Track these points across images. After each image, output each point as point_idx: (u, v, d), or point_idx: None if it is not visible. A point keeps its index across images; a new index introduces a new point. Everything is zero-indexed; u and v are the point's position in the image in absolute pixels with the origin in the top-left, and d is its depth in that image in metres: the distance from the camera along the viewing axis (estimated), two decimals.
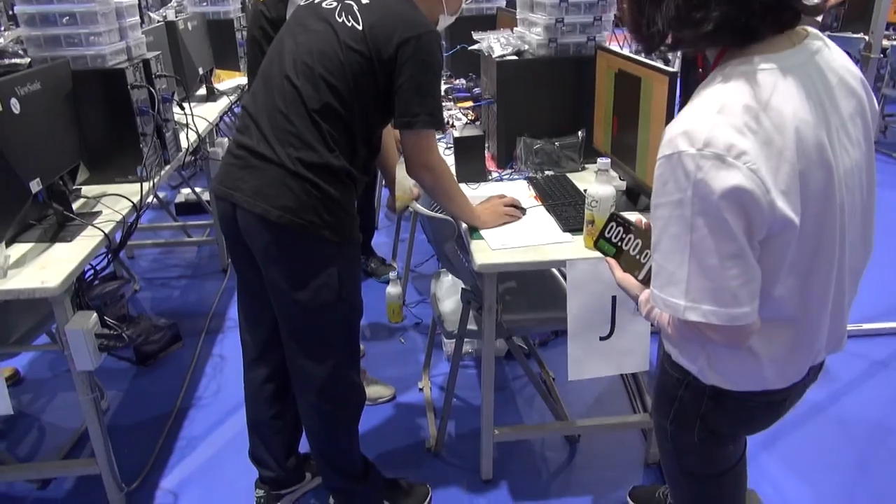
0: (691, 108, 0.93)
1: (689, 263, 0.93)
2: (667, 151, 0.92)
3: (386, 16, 1.55)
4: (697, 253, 0.92)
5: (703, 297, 0.93)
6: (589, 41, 2.34)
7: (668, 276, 0.96)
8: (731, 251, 0.90)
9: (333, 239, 1.55)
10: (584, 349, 1.85)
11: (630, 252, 1.17)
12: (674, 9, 0.91)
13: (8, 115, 1.69)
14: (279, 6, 2.12)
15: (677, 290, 0.95)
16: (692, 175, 0.89)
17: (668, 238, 0.94)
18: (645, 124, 1.91)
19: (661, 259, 0.97)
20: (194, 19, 3.57)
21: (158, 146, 2.40)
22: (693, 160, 0.89)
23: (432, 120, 1.60)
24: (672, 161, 0.91)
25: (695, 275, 0.93)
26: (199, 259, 3.71)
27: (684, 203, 0.90)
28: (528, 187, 2.22)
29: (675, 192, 0.91)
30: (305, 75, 1.53)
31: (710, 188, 0.88)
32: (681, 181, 0.90)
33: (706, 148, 0.88)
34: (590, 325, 1.83)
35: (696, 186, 0.89)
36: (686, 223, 0.91)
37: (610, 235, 1.21)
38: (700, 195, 0.89)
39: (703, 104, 0.92)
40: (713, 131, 0.88)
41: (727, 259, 0.90)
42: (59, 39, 2.14)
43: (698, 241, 0.91)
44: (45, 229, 1.87)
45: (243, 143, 1.57)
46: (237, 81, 3.92)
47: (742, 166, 0.87)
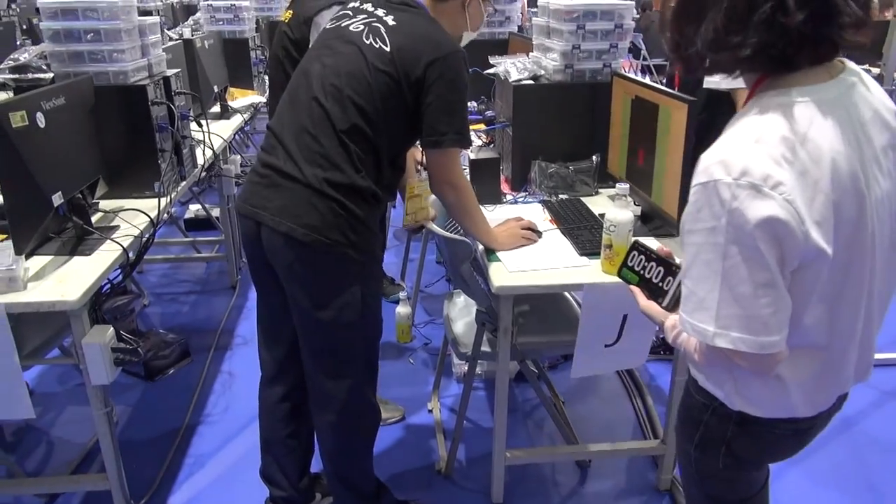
0: (728, 138, 0.94)
1: (720, 290, 0.93)
2: (702, 179, 0.93)
3: (413, 37, 1.57)
4: (729, 280, 0.92)
5: (733, 324, 0.94)
6: (605, 67, 2.37)
7: (699, 302, 0.96)
8: (763, 280, 0.91)
9: (358, 258, 1.56)
10: (589, 353, 1.88)
11: (653, 280, 1.19)
12: (712, 31, 0.92)
13: (34, 128, 1.70)
14: (303, 28, 2.14)
15: (707, 315, 0.95)
16: (727, 204, 0.89)
17: (700, 264, 0.95)
18: (662, 150, 1.92)
19: (692, 285, 0.97)
20: (211, 38, 3.62)
21: (175, 162, 2.42)
22: (729, 189, 0.89)
23: (460, 138, 1.61)
24: (708, 189, 0.92)
25: (725, 302, 0.93)
26: (207, 275, 3.71)
27: (718, 231, 0.91)
28: (542, 210, 2.23)
29: (710, 219, 0.92)
30: (334, 97, 1.55)
31: (745, 217, 0.89)
32: (716, 209, 0.91)
33: (743, 177, 0.89)
34: (598, 336, 1.86)
35: (731, 215, 0.89)
36: (719, 250, 0.92)
37: (633, 264, 1.23)
38: (735, 224, 0.90)
39: (741, 134, 0.93)
40: (750, 161, 0.89)
41: (759, 287, 0.91)
42: (82, 55, 2.16)
43: (731, 269, 0.92)
44: (63, 242, 1.88)
45: (269, 163, 1.58)
46: (250, 100, 3.95)
47: (778, 196, 0.88)
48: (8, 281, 1.62)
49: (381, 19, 1.62)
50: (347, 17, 1.69)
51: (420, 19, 1.64)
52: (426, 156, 1.66)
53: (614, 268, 1.78)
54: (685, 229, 0.98)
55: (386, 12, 1.64)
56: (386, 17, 1.62)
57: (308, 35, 2.14)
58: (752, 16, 0.89)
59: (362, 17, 1.65)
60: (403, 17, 1.62)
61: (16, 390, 1.68)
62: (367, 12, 1.66)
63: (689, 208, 0.95)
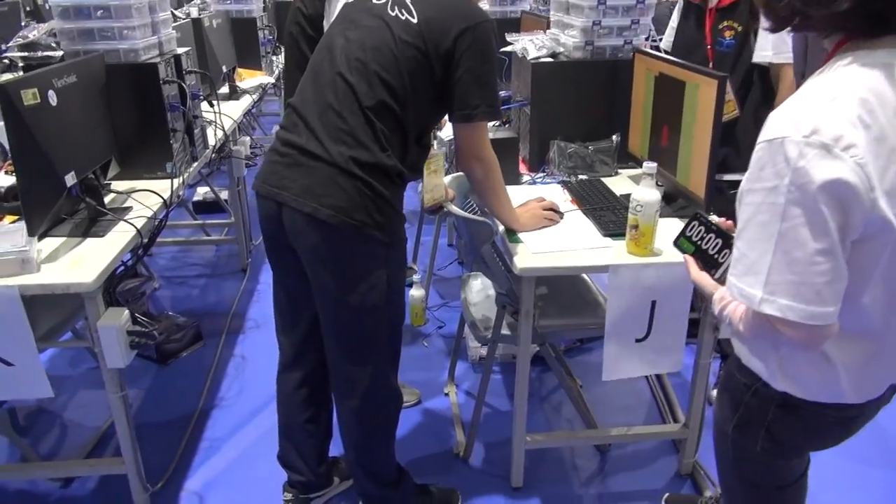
0: (801, 95, 0.89)
1: (773, 254, 0.89)
2: (769, 136, 0.88)
3: (441, 7, 1.52)
4: (785, 244, 0.88)
5: (783, 291, 0.89)
6: (626, 44, 2.31)
7: (749, 265, 0.92)
8: (821, 246, 0.86)
9: (384, 240, 1.52)
10: (619, 350, 1.82)
11: (709, 251, 1.16)
12: None
13: (46, 106, 1.66)
14: (316, 3, 2.08)
15: (756, 280, 0.91)
16: (793, 162, 0.85)
17: (756, 225, 0.90)
18: (689, 129, 1.87)
19: (745, 247, 0.93)
20: (219, 17, 3.56)
21: (187, 143, 2.37)
22: (797, 146, 0.85)
23: (491, 111, 1.57)
24: (773, 146, 0.87)
25: (778, 266, 0.89)
26: (217, 258, 3.68)
27: (779, 190, 0.87)
28: (562, 191, 2.19)
29: (772, 178, 0.87)
30: (359, 72, 1.49)
31: (810, 177, 0.84)
32: (780, 167, 0.86)
33: (813, 135, 0.84)
34: (627, 327, 1.80)
35: (796, 174, 0.85)
36: (778, 211, 0.87)
37: (691, 234, 1.20)
38: (798, 183, 0.85)
39: (816, 91, 0.88)
40: (823, 119, 0.84)
41: (816, 254, 0.86)
42: (92, 33, 2.11)
43: (788, 232, 0.87)
44: (76, 224, 1.84)
45: (290, 141, 1.53)
46: (259, 80, 3.89)
47: (849, 159, 0.83)
48: (21, 262, 1.59)
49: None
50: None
51: None
52: (455, 130, 1.61)
53: (640, 248, 1.75)
54: (744, 188, 0.93)
55: None
56: None
57: (322, 10, 2.08)
58: None
59: None
60: None
61: (33, 369, 1.65)
62: None
63: (752, 167, 0.91)
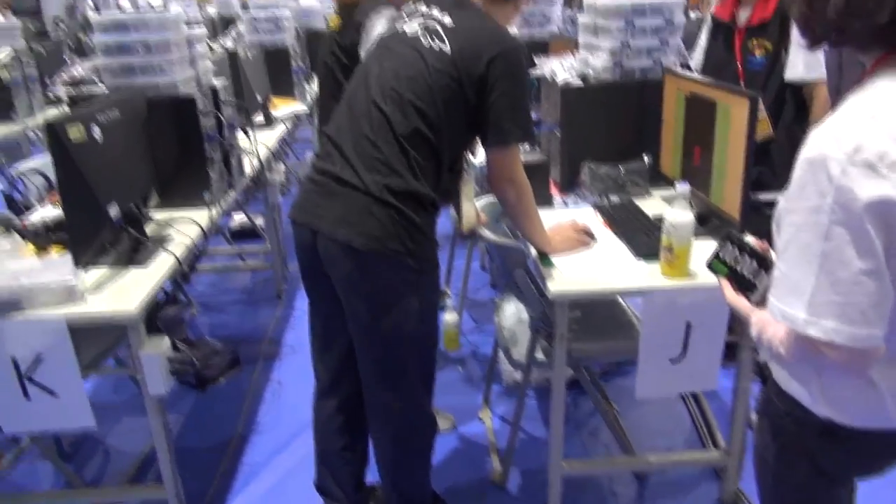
0: (842, 112, 0.88)
1: (817, 274, 0.87)
2: (810, 154, 0.87)
3: (472, 35, 1.55)
4: (829, 264, 0.86)
5: (828, 312, 0.87)
6: (656, 64, 2.31)
7: (792, 286, 0.90)
8: (867, 266, 0.84)
9: (417, 267, 1.53)
10: (653, 370, 1.80)
11: (744, 273, 1.13)
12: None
13: (91, 142, 1.72)
14: (352, 34, 2.13)
15: (799, 301, 0.89)
16: (836, 180, 0.84)
17: (798, 246, 0.89)
18: (721, 149, 1.86)
19: (786, 267, 0.91)
20: (253, 48, 3.65)
21: (225, 172, 2.43)
22: (839, 165, 0.83)
23: (525, 134, 1.59)
24: (815, 164, 0.86)
25: (822, 287, 0.87)
26: (253, 284, 3.74)
27: (822, 210, 0.85)
28: (595, 213, 2.18)
29: (814, 197, 0.86)
30: (394, 101, 1.53)
31: (854, 196, 0.83)
32: (822, 186, 0.85)
33: (856, 153, 0.83)
34: (661, 348, 1.78)
35: (839, 193, 0.83)
36: (821, 231, 0.86)
37: (724, 255, 1.18)
38: (841, 202, 0.83)
39: (856, 109, 0.87)
40: (866, 137, 0.83)
41: (861, 274, 0.85)
42: (133, 68, 2.19)
43: (832, 252, 0.85)
44: (119, 253, 1.90)
45: (325, 169, 1.57)
46: (292, 108, 3.98)
47: (894, 177, 0.82)
48: (68, 292, 1.64)
49: (438, 19, 1.60)
50: (403, 19, 1.67)
51: (476, 16, 1.62)
52: (488, 154, 1.63)
53: (675, 270, 1.73)
54: (784, 208, 0.92)
55: (442, 11, 1.62)
56: (442, 16, 1.61)
57: (358, 40, 2.12)
58: None
59: (419, 18, 1.63)
60: (460, 16, 1.60)
61: (77, 399, 1.69)
62: (423, 12, 1.64)
63: (792, 186, 0.89)
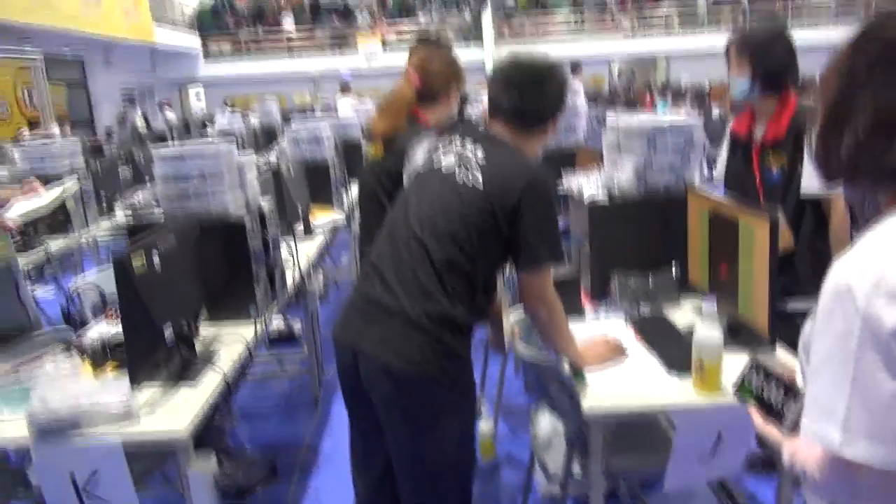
0: (865, 243, 0.94)
1: (849, 397, 0.90)
2: (835, 284, 0.92)
3: (504, 167, 1.68)
4: (861, 387, 0.89)
5: (863, 434, 0.89)
6: (678, 180, 2.42)
7: (825, 409, 0.93)
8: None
9: (455, 391, 1.60)
10: (683, 469, 1.81)
11: (771, 401, 1.15)
12: (858, 138, 0.94)
13: (150, 268, 1.86)
14: (396, 160, 2.27)
15: (834, 423, 0.91)
16: (862, 309, 0.88)
17: (829, 370, 0.92)
18: (747, 266, 1.92)
19: (819, 391, 0.94)
20: (295, 164, 3.88)
21: (269, 287, 2.56)
22: (864, 295, 0.88)
23: (556, 257, 1.69)
24: (841, 294, 0.91)
25: (855, 409, 0.90)
26: (291, 391, 3.81)
27: (850, 336, 0.89)
28: (626, 325, 2.24)
29: (842, 324, 0.90)
30: (431, 231, 1.65)
31: (881, 323, 0.87)
32: (849, 314, 0.89)
33: (880, 284, 0.88)
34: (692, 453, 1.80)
35: (866, 321, 0.88)
36: (851, 356, 0.89)
37: (749, 382, 1.21)
38: (870, 329, 0.88)
39: (877, 241, 0.93)
40: (888, 269, 0.88)
41: (892, 397, 0.87)
42: (188, 195, 2.37)
43: (863, 376, 0.89)
44: (170, 371, 1.99)
45: (367, 294, 1.68)
46: (331, 217, 4.17)
47: None
48: (124, 414, 1.73)
49: (472, 153, 1.74)
50: (439, 152, 1.81)
51: (506, 150, 1.76)
52: (520, 276, 1.72)
53: (707, 386, 1.77)
54: (812, 334, 0.96)
55: (474, 145, 1.75)
56: (475, 150, 1.74)
57: (402, 167, 2.27)
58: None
59: (453, 152, 1.77)
60: (491, 149, 1.74)
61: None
62: (456, 147, 1.78)
63: (820, 314, 0.94)
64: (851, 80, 0.97)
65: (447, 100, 2.43)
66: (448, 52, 2.45)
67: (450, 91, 2.42)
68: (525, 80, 1.78)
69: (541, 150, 1.93)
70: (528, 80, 1.78)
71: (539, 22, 21.68)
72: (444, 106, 2.44)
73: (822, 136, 1.02)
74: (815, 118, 1.03)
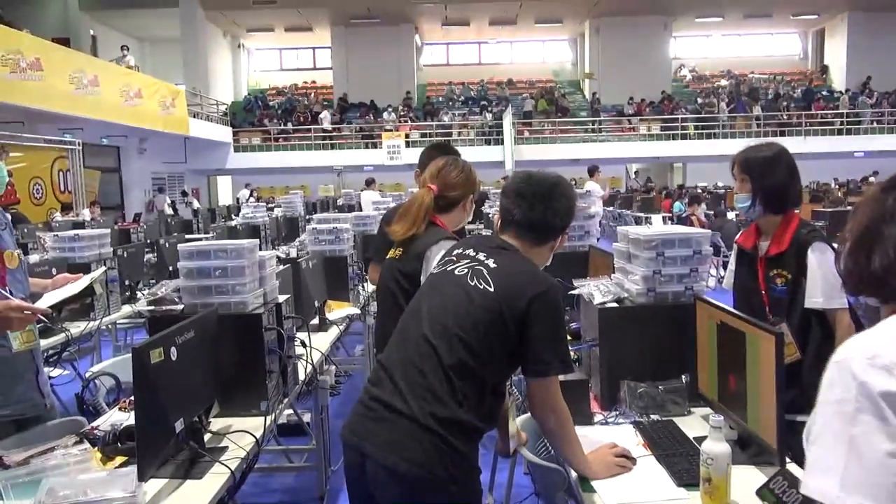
0: (868, 331, 1.06)
1: (847, 456, 0.97)
2: (836, 358, 1.02)
3: (514, 276, 1.75)
4: (857, 446, 0.97)
5: (859, 491, 0.96)
6: (687, 290, 2.46)
7: (825, 467, 1.00)
8: (892, 449, 0.95)
9: (460, 494, 1.61)
10: None
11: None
12: (884, 259, 1.07)
13: (167, 362, 1.91)
14: (414, 263, 2.36)
15: (832, 479, 0.98)
16: (859, 377, 0.98)
17: (829, 433, 1.00)
18: (754, 378, 1.93)
19: (819, 451, 1.01)
20: (314, 258, 3.99)
21: (280, 382, 2.59)
22: (861, 366, 0.98)
23: (563, 366, 1.73)
24: (841, 366, 1.01)
25: (852, 468, 0.97)
26: (297, 484, 3.75)
27: (848, 401, 0.98)
28: (634, 433, 2.22)
29: (841, 391, 0.99)
30: (441, 334, 1.70)
31: (876, 389, 0.96)
32: (847, 382, 0.99)
33: (875, 358, 0.98)
34: None
35: (862, 387, 0.97)
36: (848, 418, 0.98)
37: (774, 486, 1.24)
38: (864, 393, 0.96)
39: (875, 330, 1.04)
40: (883, 347, 0.99)
41: (888, 456, 0.95)
42: (209, 289, 2.45)
43: (860, 436, 0.96)
44: (177, 465, 2.01)
45: (377, 396, 1.71)
46: (346, 311, 4.23)
47: None
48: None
49: (483, 262, 1.81)
50: (452, 262, 1.89)
51: (517, 259, 1.84)
52: (529, 384, 1.76)
53: (715, 501, 1.74)
54: (819, 402, 1.04)
55: (486, 255, 1.84)
56: (487, 259, 1.82)
57: (419, 269, 2.35)
58: None
59: (466, 262, 1.85)
60: (502, 259, 1.82)
61: None
62: (469, 257, 1.86)
63: (823, 386, 1.04)
64: (883, 212, 1.11)
65: (463, 209, 2.60)
66: (464, 165, 2.61)
67: (465, 201, 2.59)
68: (536, 194, 1.88)
69: (551, 255, 2.01)
70: (539, 194, 1.88)
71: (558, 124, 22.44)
72: (459, 213, 2.60)
73: (849, 265, 1.15)
74: (842, 238, 1.17)
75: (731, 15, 24.64)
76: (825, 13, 24.91)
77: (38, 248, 5.43)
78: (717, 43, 28.27)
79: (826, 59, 26.83)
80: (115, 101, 13.76)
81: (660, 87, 23.96)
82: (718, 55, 28.03)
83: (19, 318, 2.15)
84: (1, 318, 2.11)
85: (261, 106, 24.25)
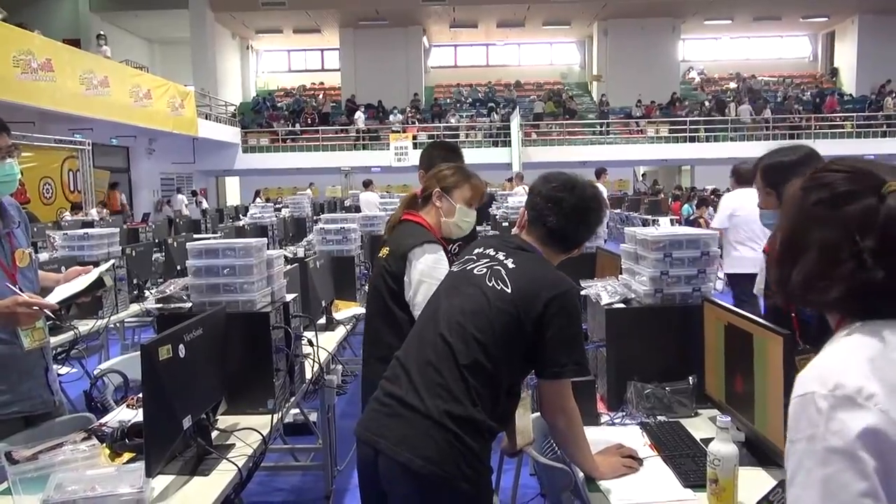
0: (822, 357, 1.03)
1: (821, 497, 0.95)
2: (800, 392, 1.00)
3: (532, 277, 1.76)
4: (830, 487, 0.95)
5: None
6: (695, 291, 2.46)
7: None
8: (863, 489, 0.93)
9: (471, 492, 1.62)
10: None
11: None
12: (804, 274, 1.05)
13: (176, 359, 1.92)
14: (399, 263, 2.37)
15: None
16: (824, 413, 0.96)
17: (803, 471, 0.99)
18: (762, 380, 1.92)
19: (798, 490, 1.00)
20: (321, 258, 4.00)
21: (287, 381, 2.59)
22: (825, 399, 0.96)
23: (579, 369, 1.74)
24: (805, 400, 0.99)
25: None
26: (303, 483, 3.76)
27: (817, 438, 0.96)
28: (641, 434, 2.22)
29: (808, 428, 0.97)
30: (458, 333, 1.71)
31: (843, 426, 0.94)
32: (813, 418, 0.97)
33: (837, 389, 0.96)
34: None
35: (829, 424, 0.95)
36: (818, 458, 0.96)
37: (773, 499, 1.23)
38: (833, 431, 0.95)
39: (833, 353, 1.02)
40: (841, 373, 0.97)
41: (860, 496, 0.93)
42: (218, 287, 2.46)
43: (832, 476, 0.95)
44: (185, 462, 2.01)
45: (392, 392, 1.72)
46: (353, 311, 4.23)
47: (873, 407, 0.93)
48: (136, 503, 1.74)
49: (502, 262, 1.82)
50: (472, 261, 1.90)
51: (536, 260, 1.84)
52: (542, 384, 1.77)
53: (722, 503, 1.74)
54: (788, 439, 1.03)
55: (505, 255, 1.84)
56: (506, 259, 1.83)
57: (404, 269, 2.36)
58: (837, 268, 1.01)
59: (485, 261, 1.86)
60: (521, 260, 1.82)
61: None
62: (488, 256, 1.87)
63: (790, 421, 1.02)
64: (805, 216, 1.07)
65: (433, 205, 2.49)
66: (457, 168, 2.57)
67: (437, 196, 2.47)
68: (577, 208, 1.87)
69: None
70: (580, 209, 1.88)
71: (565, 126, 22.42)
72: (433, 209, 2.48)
73: (776, 274, 1.12)
74: (771, 243, 1.13)
75: (740, 17, 24.58)
76: (835, 16, 24.80)
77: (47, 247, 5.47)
78: (725, 45, 28.21)
79: (836, 62, 26.73)
80: (125, 101, 13.85)
81: (668, 90, 23.92)
82: (727, 57, 27.97)
83: (27, 313, 2.16)
84: (8, 312, 2.13)
85: (269, 107, 24.36)
